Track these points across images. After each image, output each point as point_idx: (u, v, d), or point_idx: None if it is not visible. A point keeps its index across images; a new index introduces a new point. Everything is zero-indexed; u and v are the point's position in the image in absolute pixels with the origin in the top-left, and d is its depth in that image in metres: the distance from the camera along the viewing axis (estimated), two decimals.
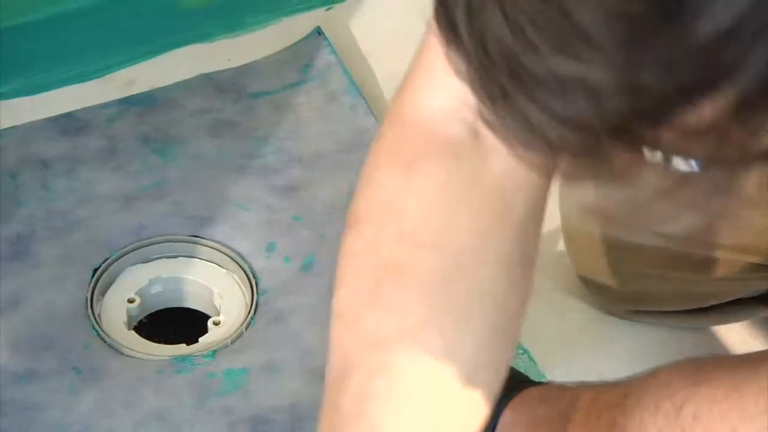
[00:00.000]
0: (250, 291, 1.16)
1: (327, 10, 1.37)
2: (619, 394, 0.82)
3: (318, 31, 1.35)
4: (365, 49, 1.36)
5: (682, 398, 0.77)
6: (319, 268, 1.17)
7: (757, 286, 1.11)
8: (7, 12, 1.30)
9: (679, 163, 0.56)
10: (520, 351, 1.12)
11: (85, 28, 1.32)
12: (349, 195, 1.18)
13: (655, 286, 1.14)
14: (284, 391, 1.09)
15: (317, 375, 1.07)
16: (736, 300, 1.12)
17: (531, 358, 1.12)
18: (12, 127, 1.25)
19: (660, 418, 0.77)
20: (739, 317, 1.16)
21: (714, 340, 1.17)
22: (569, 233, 1.16)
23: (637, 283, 1.14)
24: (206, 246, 1.19)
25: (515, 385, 0.93)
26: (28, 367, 1.09)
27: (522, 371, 0.97)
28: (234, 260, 1.18)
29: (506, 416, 0.91)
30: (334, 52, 1.33)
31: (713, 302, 1.13)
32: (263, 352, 1.11)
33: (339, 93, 1.31)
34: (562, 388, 0.90)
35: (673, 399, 0.77)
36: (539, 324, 1.13)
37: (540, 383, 0.95)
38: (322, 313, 1.11)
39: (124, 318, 1.15)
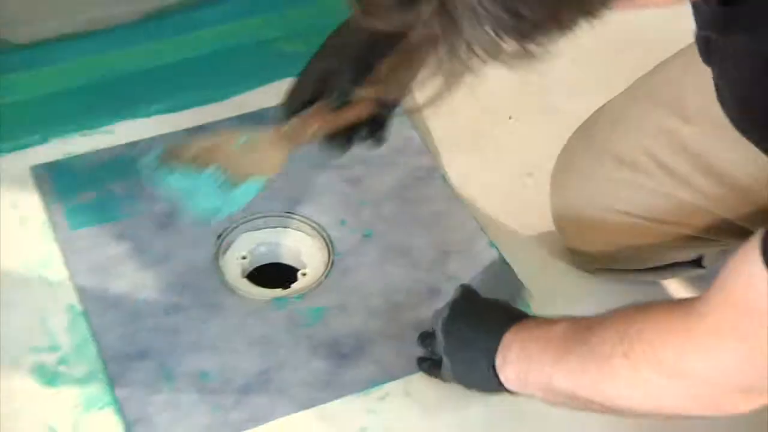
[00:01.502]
0: (327, 252, 1.16)
1: None
2: (590, 321, 0.84)
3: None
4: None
5: (631, 321, 0.79)
6: (375, 237, 1.17)
7: (690, 252, 1.11)
8: (167, 53, 1.32)
9: None
10: (520, 300, 1.12)
11: (215, 66, 1.32)
12: (400, 187, 1.22)
13: (622, 253, 1.11)
14: (350, 323, 1.10)
15: (373, 312, 1.11)
16: (678, 262, 1.13)
17: (527, 305, 1.11)
18: (163, 134, 1.24)
19: (615, 333, 0.79)
20: (680, 274, 1.16)
21: (662, 292, 1.16)
22: (558, 217, 1.15)
23: (609, 251, 1.12)
24: (297, 220, 1.19)
25: (515, 317, 0.94)
26: (173, 302, 1.10)
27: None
28: (317, 230, 1.18)
29: (507, 337, 0.91)
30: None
31: (661, 263, 1.13)
32: (336, 296, 1.12)
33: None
34: (549, 319, 0.91)
35: (625, 322, 0.79)
36: (535, 280, 1.15)
37: (534, 316, 0.95)
38: (378, 269, 1.15)
39: (239, 270, 1.15)
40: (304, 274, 1.16)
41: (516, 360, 0.91)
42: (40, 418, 1.02)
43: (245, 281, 1.15)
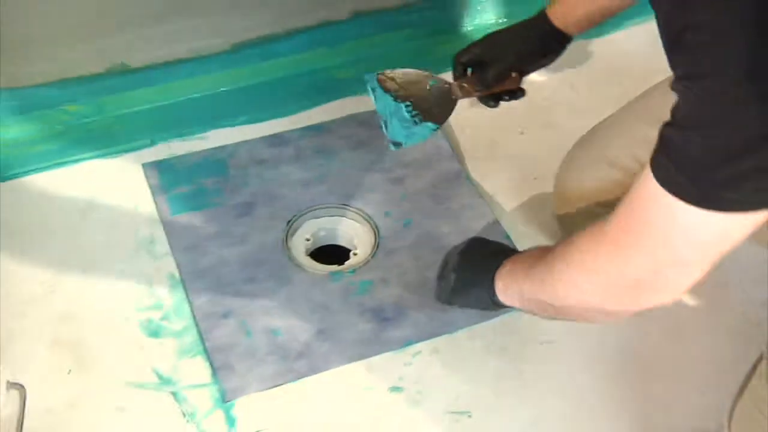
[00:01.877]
0: (374, 237, 1.16)
1: None
2: (554, 245, 0.86)
3: None
4: None
5: (576, 239, 0.80)
6: (413, 226, 1.17)
7: None
8: (249, 76, 1.32)
9: None
10: None
11: (286, 88, 1.32)
12: (433, 186, 1.22)
13: None
14: (391, 293, 1.10)
15: (410, 285, 1.10)
16: None
17: None
18: (244, 141, 1.25)
19: (563, 248, 0.82)
20: None
21: None
22: (560, 210, 1.13)
23: None
24: (350, 210, 1.18)
25: (512, 254, 0.97)
26: (250, 276, 1.10)
27: None
28: (366, 219, 1.18)
29: (506, 265, 0.94)
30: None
31: None
32: (380, 272, 1.12)
33: None
34: (534, 248, 0.93)
35: (572, 241, 0.80)
36: None
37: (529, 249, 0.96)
38: (414, 251, 1.14)
39: (303, 249, 1.16)
40: (355, 254, 1.16)
41: (505, 276, 0.93)
42: (147, 361, 1.03)
43: (308, 258, 1.15)
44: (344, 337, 1.05)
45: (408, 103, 1.07)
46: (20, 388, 0.99)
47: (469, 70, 1.08)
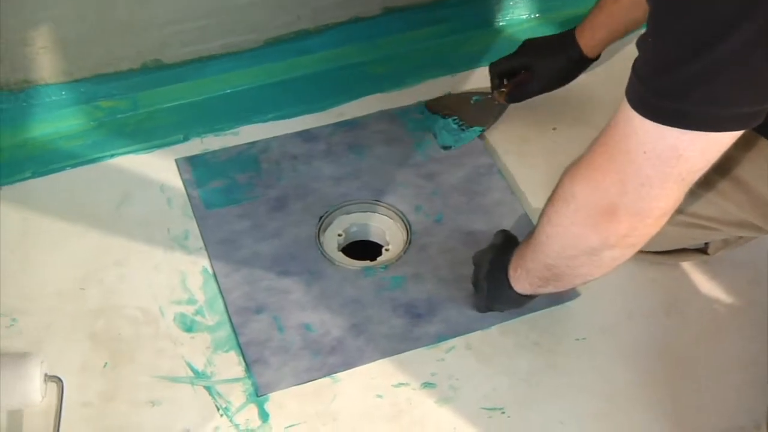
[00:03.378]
0: (406, 232, 1.15)
1: (452, 76, 1.34)
2: None
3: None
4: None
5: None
6: (444, 221, 1.15)
7: (697, 240, 1.08)
8: (281, 72, 1.32)
9: None
10: None
11: (318, 84, 1.31)
12: (465, 181, 1.20)
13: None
14: (423, 289, 1.08)
15: (443, 281, 1.09)
16: (686, 248, 1.10)
17: None
18: (276, 136, 1.24)
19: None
20: (687, 259, 1.11)
21: (672, 273, 1.12)
22: None
23: None
24: (382, 206, 1.17)
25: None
26: (284, 269, 1.10)
27: None
28: (398, 215, 1.16)
29: (515, 252, 0.94)
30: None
31: (673, 247, 1.09)
32: (412, 267, 1.11)
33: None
34: None
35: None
36: None
37: None
38: (447, 247, 1.13)
39: (336, 244, 1.14)
40: (387, 250, 1.15)
41: (514, 261, 0.94)
42: (181, 356, 1.03)
43: (341, 254, 1.14)
44: (377, 333, 1.04)
45: (454, 117, 1.25)
46: (58, 381, 0.99)
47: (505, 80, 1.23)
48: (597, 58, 1.16)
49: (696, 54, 0.64)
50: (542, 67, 1.18)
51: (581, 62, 1.16)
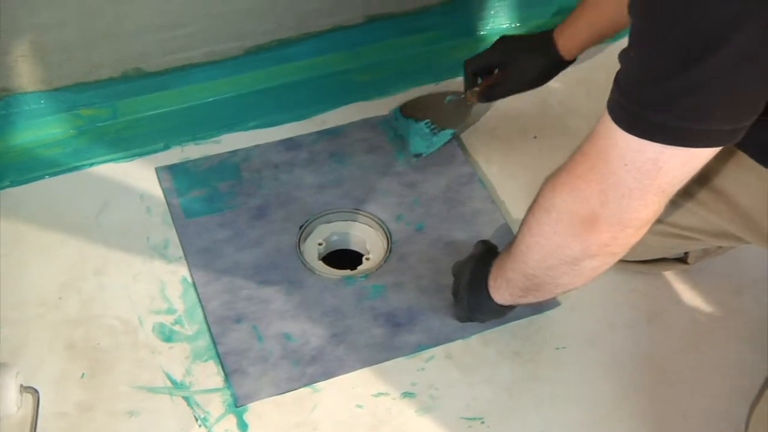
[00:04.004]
0: (387, 241, 1.14)
1: (436, 84, 1.33)
2: None
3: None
4: None
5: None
6: (426, 230, 1.15)
7: (677, 250, 1.07)
8: (263, 80, 1.30)
9: None
10: None
11: (301, 92, 1.30)
12: (446, 190, 1.20)
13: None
14: (404, 298, 1.08)
15: (424, 290, 1.09)
16: (666, 258, 1.09)
17: None
18: (258, 144, 1.24)
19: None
20: (667, 268, 1.11)
21: (655, 281, 1.12)
22: None
23: None
24: (363, 215, 1.17)
25: None
26: (264, 278, 1.09)
27: None
28: (378, 223, 1.16)
29: (494, 263, 0.94)
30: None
31: (653, 257, 1.09)
32: (393, 276, 1.10)
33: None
34: None
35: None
36: None
37: None
38: (428, 256, 1.13)
39: (316, 253, 1.14)
40: (368, 259, 1.14)
41: (493, 271, 0.94)
42: (160, 365, 1.02)
43: (321, 263, 1.14)
44: (357, 342, 1.04)
45: (426, 120, 1.22)
46: (34, 392, 0.97)
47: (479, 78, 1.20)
48: (573, 60, 1.14)
49: (678, 70, 0.64)
50: (518, 66, 1.15)
51: (558, 64, 1.13)
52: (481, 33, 1.41)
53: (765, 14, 0.60)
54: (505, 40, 1.18)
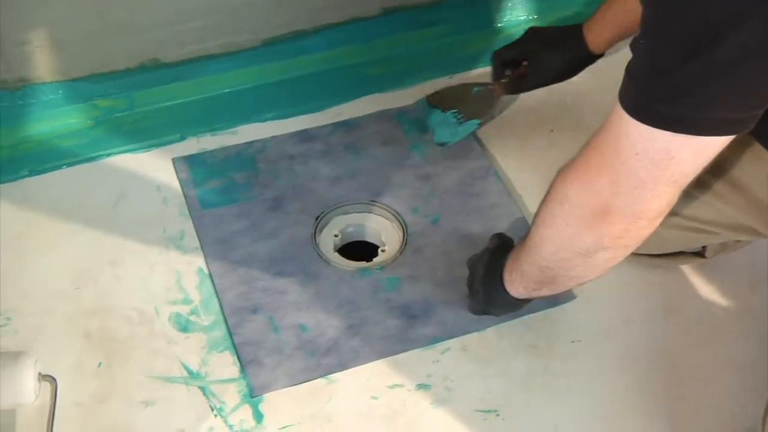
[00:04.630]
0: (402, 233, 1.14)
1: (450, 77, 1.33)
2: None
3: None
4: None
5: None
6: (442, 222, 1.15)
7: (695, 244, 1.07)
8: (279, 72, 1.30)
9: None
10: None
11: (317, 84, 1.30)
12: (461, 183, 1.20)
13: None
14: (420, 291, 1.08)
15: (440, 282, 1.08)
16: (683, 252, 1.09)
17: None
18: (274, 136, 1.24)
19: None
20: (685, 262, 1.11)
21: (672, 275, 1.11)
22: None
23: None
24: (379, 206, 1.17)
25: None
26: (280, 269, 1.09)
27: None
28: (394, 215, 1.16)
29: (509, 256, 0.94)
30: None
31: (671, 251, 1.08)
32: (409, 268, 1.10)
33: None
34: None
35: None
36: None
37: None
38: (443, 248, 1.13)
39: (332, 245, 1.14)
40: (383, 251, 1.14)
41: (509, 264, 0.93)
42: (176, 356, 1.02)
43: (337, 255, 1.14)
44: (372, 334, 1.04)
45: (453, 110, 1.22)
46: (52, 380, 0.98)
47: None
48: (602, 55, 1.14)
49: (688, 58, 0.63)
50: (546, 59, 1.15)
51: (587, 58, 1.13)
52: (498, 25, 1.40)
53: None
54: (534, 31, 1.17)
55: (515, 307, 0.98)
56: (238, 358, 1.01)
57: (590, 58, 1.13)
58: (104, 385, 0.99)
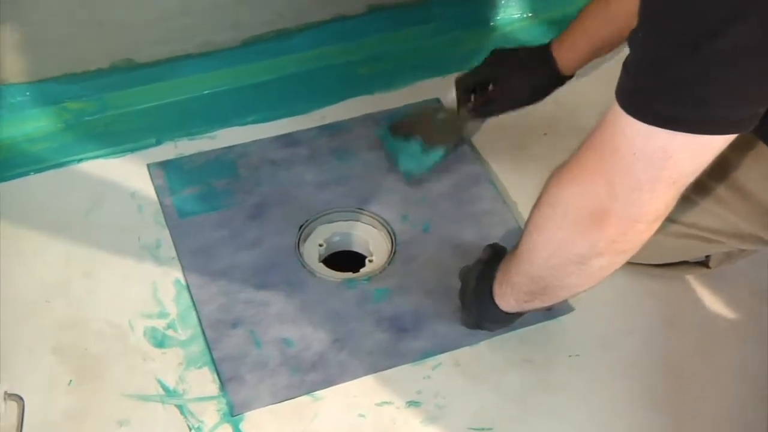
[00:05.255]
0: (391, 242, 1.15)
1: (442, 78, 1.34)
2: None
3: (437, 100, 1.30)
4: None
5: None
6: (432, 230, 1.16)
7: (698, 253, 1.08)
8: (261, 73, 1.31)
9: None
10: None
11: (300, 85, 1.31)
12: (454, 189, 1.21)
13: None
14: (410, 302, 1.08)
15: (430, 294, 1.09)
16: (686, 261, 1.10)
17: None
18: (255, 140, 1.25)
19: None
20: (688, 272, 1.12)
21: (676, 286, 1.13)
22: None
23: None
24: (366, 215, 1.18)
25: None
26: (262, 280, 1.10)
27: None
28: (382, 223, 1.17)
29: (499, 268, 0.95)
30: (446, 111, 1.27)
31: (673, 260, 1.10)
32: (398, 279, 1.11)
33: None
34: None
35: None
36: None
37: None
38: (434, 258, 1.13)
39: (317, 255, 1.15)
40: (371, 261, 1.15)
41: (498, 276, 0.94)
42: (151, 373, 1.02)
43: (322, 265, 1.14)
44: (360, 348, 1.04)
45: (416, 138, 1.20)
46: (18, 399, 0.98)
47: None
48: (572, 76, 1.14)
49: (687, 53, 0.64)
50: (512, 83, 1.14)
51: (556, 80, 1.13)
52: (491, 24, 1.42)
53: None
54: (498, 54, 1.17)
55: (506, 322, 0.99)
56: (218, 374, 1.02)
57: (559, 79, 1.13)
58: (76, 404, 0.99)
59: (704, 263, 1.11)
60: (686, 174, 0.71)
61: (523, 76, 1.14)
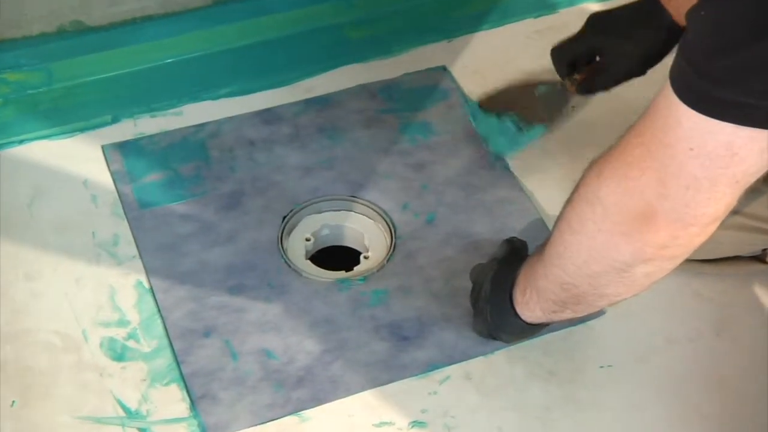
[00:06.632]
0: (390, 236, 1.15)
1: (448, 42, 1.36)
2: None
3: (443, 68, 1.33)
4: (474, 70, 1.34)
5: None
6: (438, 221, 1.16)
7: (751, 246, 1.08)
8: (236, 37, 1.30)
9: None
10: None
11: (283, 51, 1.31)
12: (463, 173, 1.21)
13: None
14: (412, 306, 1.09)
15: (436, 296, 1.10)
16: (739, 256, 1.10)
17: None
18: (229, 117, 1.25)
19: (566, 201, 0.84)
20: (741, 269, 1.12)
21: (722, 284, 1.13)
22: None
23: None
24: (360, 203, 1.18)
25: None
26: (238, 282, 1.10)
27: None
28: (379, 214, 1.17)
29: (521, 271, 0.95)
30: (453, 80, 1.31)
31: (723, 255, 1.09)
32: (398, 279, 1.11)
33: (456, 105, 1.29)
34: None
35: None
36: None
37: None
38: (440, 253, 1.14)
39: (303, 251, 1.15)
40: (366, 257, 1.15)
41: (520, 281, 0.94)
42: (110, 390, 1.02)
43: (309, 263, 1.15)
44: (354, 360, 1.05)
45: (512, 115, 1.23)
46: None
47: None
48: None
49: (757, 35, 0.63)
50: (623, 48, 1.10)
51: (673, 34, 1.07)
52: None
53: None
54: (597, 19, 1.14)
55: (528, 333, 1.00)
56: (188, 392, 1.02)
57: (677, 32, 1.07)
58: (19, 429, 0.99)
59: (760, 258, 1.11)
60: (751, 172, 0.71)
61: (632, 39, 1.10)
